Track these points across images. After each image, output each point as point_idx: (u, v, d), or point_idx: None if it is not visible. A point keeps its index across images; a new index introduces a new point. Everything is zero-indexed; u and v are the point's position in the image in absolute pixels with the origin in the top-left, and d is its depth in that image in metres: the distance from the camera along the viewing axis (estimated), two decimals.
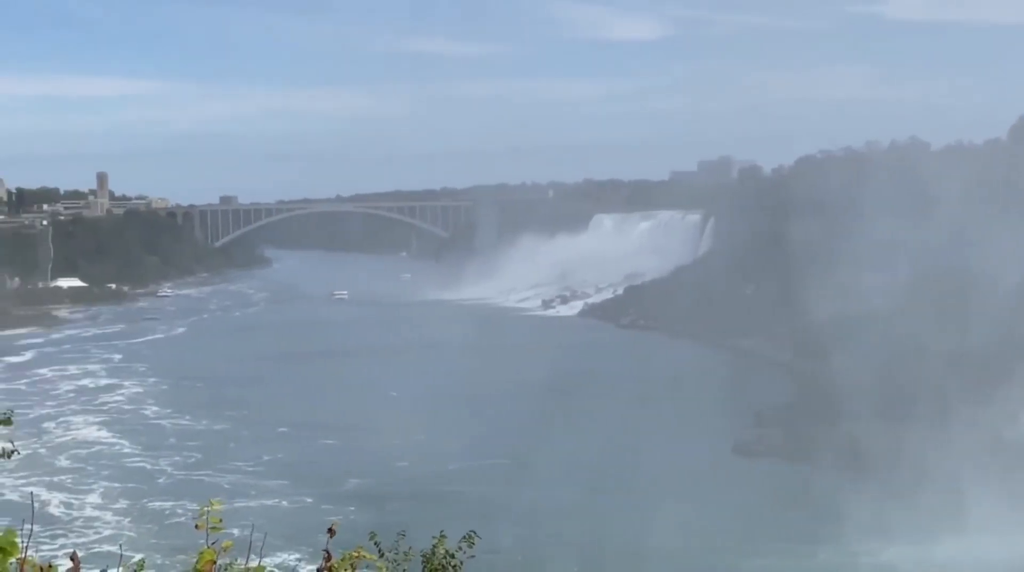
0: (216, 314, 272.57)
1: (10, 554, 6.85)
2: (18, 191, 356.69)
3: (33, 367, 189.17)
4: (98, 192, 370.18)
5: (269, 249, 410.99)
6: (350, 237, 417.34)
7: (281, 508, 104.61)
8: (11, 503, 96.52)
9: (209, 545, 7.67)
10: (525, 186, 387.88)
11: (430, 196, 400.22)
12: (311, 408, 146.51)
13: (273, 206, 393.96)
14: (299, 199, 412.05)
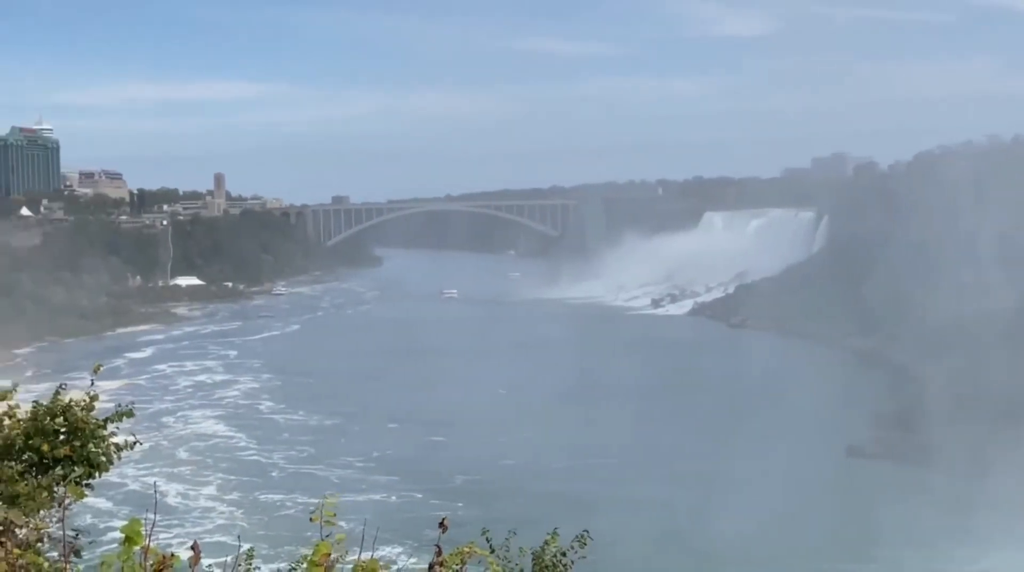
0: (328, 312, 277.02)
1: (135, 543, 6.94)
2: (140, 192, 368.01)
3: (153, 363, 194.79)
4: (215, 192, 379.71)
5: (379, 248, 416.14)
6: (459, 236, 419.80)
7: (390, 503, 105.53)
8: (133, 492, 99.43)
9: (323, 538, 7.63)
10: (633, 184, 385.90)
11: (538, 194, 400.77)
12: (420, 404, 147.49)
13: (384, 205, 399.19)
14: (409, 198, 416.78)
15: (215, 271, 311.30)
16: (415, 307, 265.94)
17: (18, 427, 13.16)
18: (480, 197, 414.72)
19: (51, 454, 12.98)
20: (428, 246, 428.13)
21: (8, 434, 13.15)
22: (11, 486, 12.51)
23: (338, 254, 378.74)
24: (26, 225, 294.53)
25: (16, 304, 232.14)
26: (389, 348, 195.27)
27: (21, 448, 13.07)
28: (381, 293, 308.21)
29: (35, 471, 13.07)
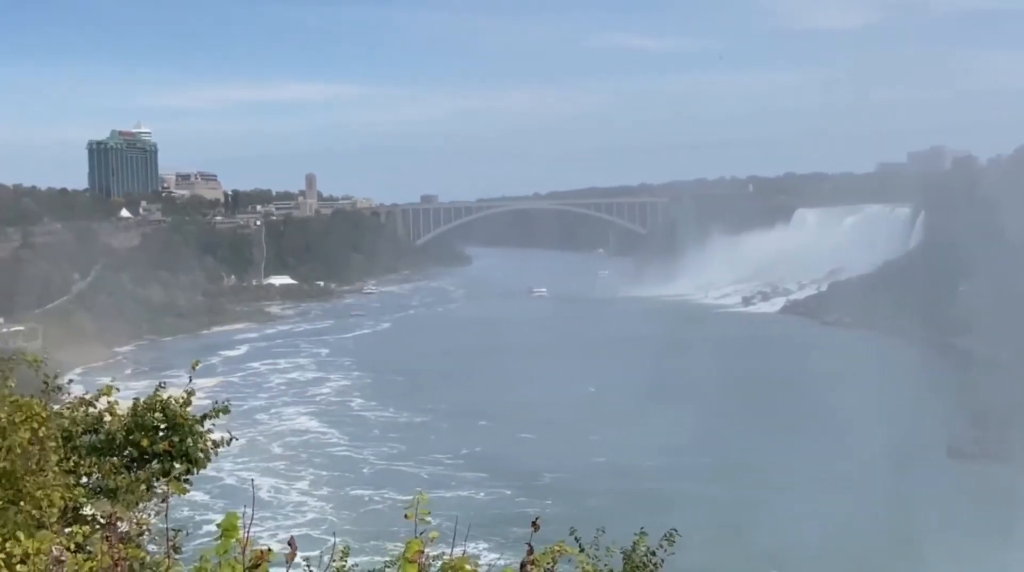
0: (418, 310, 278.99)
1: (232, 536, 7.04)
2: (234, 193, 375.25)
3: (247, 361, 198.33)
4: (307, 193, 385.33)
5: (468, 246, 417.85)
6: (547, 234, 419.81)
7: (478, 499, 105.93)
8: (229, 486, 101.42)
9: (417, 535, 7.71)
10: (724, 180, 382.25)
11: (627, 192, 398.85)
12: (510, 402, 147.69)
13: (472, 204, 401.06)
14: (497, 197, 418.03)
15: (307, 270, 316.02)
16: (504, 305, 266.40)
17: (119, 422, 13.48)
18: (568, 195, 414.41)
19: (150, 449, 13.27)
20: (516, 244, 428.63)
21: (109, 429, 13.48)
22: (111, 480, 12.82)
23: (427, 253, 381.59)
24: (126, 226, 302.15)
25: (117, 303, 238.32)
26: (479, 346, 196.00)
27: (122, 443, 13.39)
28: (470, 292, 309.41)
29: (135, 466, 13.37)
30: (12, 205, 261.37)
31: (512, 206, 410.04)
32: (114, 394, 13.81)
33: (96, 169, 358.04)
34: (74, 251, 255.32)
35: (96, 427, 13.57)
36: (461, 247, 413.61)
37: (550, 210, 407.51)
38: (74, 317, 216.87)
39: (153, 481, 13.15)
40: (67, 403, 13.39)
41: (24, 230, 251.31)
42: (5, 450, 10.46)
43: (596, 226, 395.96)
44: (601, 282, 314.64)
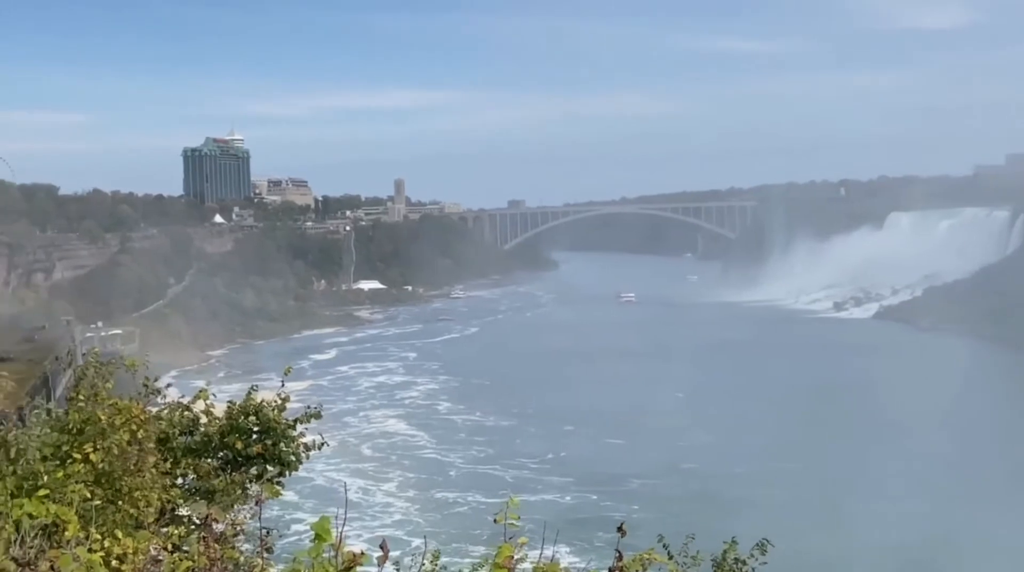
0: (506, 315, 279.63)
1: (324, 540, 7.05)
2: (324, 198, 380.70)
3: (336, 364, 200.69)
4: (396, 198, 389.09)
5: (555, 251, 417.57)
6: (635, 239, 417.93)
7: (563, 503, 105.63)
8: (319, 487, 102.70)
9: (507, 540, 7.71)
10: (815, 184, 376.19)
11: (716, 196, 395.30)
12: (598, 407, 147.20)
13: (559, 209, 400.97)
14: (584, 202, 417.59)
15: (395, 275, 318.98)
16: (592, 310, 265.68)
17: (215, 425, 13.74)
18: (656, 199, 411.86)
19: (244, 452, 13.50)
20: (604, 249, 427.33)
21: (205, 432, 13.75)
22: (208, 481, 13.07)
23: (515, 258, 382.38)
24: (219, 231, 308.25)
25: (210, 307, 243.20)
26: (566, 350, 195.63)
27: (217, 445, 13.65)
28: (558, 296, 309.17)
29: (229, 468, 13.61)
30: (111, 211, 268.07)
31: (599, 210, 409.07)
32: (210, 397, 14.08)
33: (191, 175, 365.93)
34: (169, 256, 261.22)
35: (192, 429, 13.86)
36: (548, 252, 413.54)
37: (637, 214, 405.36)
38: (169, 320, 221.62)
39: (247, 483, 13.38)
40: (165, 406, 13.69)
41: (122, 236, 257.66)
42: (105, 451, 10.72)
43: (684, 230, 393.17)
44: (690, 287, 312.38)
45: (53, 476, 10.13)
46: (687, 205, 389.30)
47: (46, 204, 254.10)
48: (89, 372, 12.54)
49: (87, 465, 10.52)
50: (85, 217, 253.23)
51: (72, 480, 10.10)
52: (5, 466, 10.26)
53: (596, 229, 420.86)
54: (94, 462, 10.57)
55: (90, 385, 12.23)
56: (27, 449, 10.50)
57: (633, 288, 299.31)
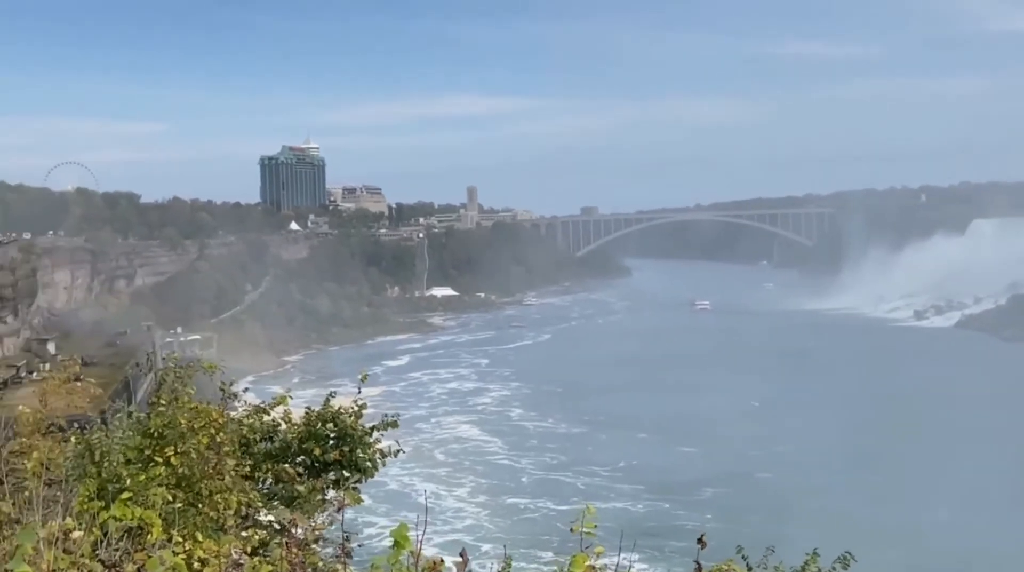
0: (579, 322, 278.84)
1: (402, 547, 7.04)
2: (398, 206, 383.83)
3: (409, 370, 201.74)
4: (468, 205, 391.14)
5: (628, 258, 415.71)
6: (709, 246, 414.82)
7: (635, 511, 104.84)
8: (393, 491, 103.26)
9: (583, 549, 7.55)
10: (894, 191, 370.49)
11: (792, 203, 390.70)
12: (671, 415, 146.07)
13: (632, 216, 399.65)
14: (657, 209, 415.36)
15: (468, 282, 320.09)
16: (666, 318, 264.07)
17: (293, 431, 13.88)
18: (731, 206, 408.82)
19: (322, 458, 13.62)
20: (677, 256, 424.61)
21: (285, 438, 13.89)
22: (288, 487, 13.20)
23: (587, 265, 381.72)
24: (295, 238, 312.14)
25: (286, 313, 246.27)
26: (640, 358, 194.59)
27: (296, 451, 13.78)
28: (631, 303, 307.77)
29: (307, 474, 13.74)
30: (190, 219, 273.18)
31: (673, 217, 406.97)
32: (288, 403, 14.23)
33: (268, 183, 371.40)
34: (246, 262, 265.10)
35: (271, 435, 14.01)
36: (621, 259, 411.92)
37: (712, 221, 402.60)
38: (246, 326, 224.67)
39: (326, 489, 13.49)
40: (244, 410, 13.86)
41: (201, 243, 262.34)
42: (185, 454, 10.88)
43: (759, 237, 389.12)
44: (765, 294, 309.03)
45: (136, 479, 10.30)
46: (763, 212, 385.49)
47: (128, 212, 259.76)
48: (170, 377, 12.75)
49: (168, 468, 10.69)
50: (165, 224, 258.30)
51: (154, 483, 10.27)
52: (90, 468, 10.47)
53: (669, 236, 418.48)
54: (175, 465, 10.74)
55: (171, 390, 12.42)
56: (111, 452, 10.69)
57: (708, 296, 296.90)
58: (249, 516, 12.11)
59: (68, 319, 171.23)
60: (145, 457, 10.85)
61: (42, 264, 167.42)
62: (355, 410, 13.96)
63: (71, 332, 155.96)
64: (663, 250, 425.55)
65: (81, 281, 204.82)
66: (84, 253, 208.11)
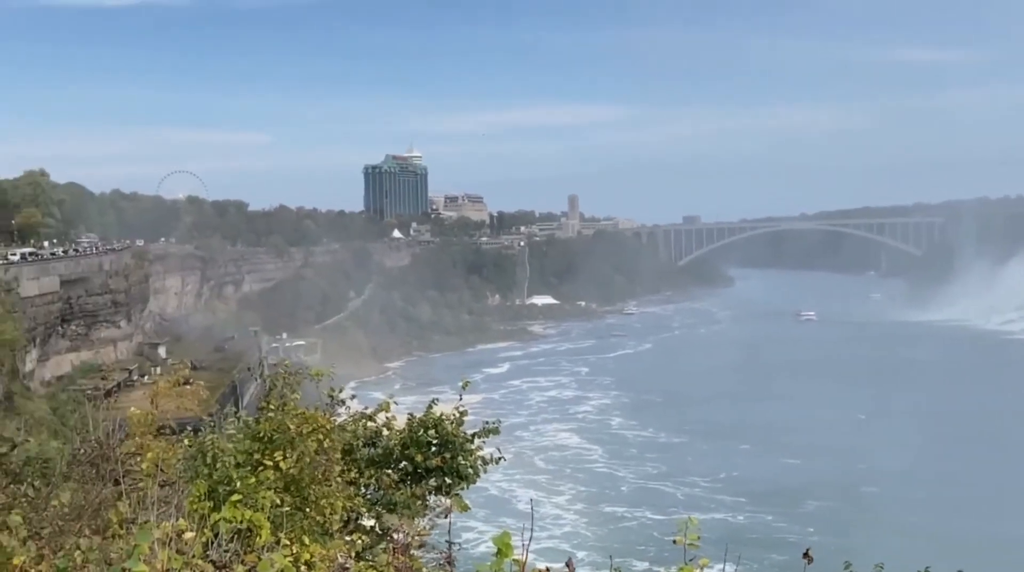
0: (680, 331, 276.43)
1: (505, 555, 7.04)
2: (499, 214, 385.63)
3: (509, 378, 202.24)
4: (569, 214, 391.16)
5: (730, 267, 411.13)
6: (814, 255, 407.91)
7: (736, 523, 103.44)
8: (492, 497, 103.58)
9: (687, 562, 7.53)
10: (1009, 199, 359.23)
11: (900, 212, 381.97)
12: (774, 426, 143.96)
13: (735, 225, 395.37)
14: (761, 217, 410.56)
15: (568, 290, 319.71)
16: (770, 328, 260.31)
17: (396, 437, 14.06)
18: (837, 215, 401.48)
19: (424, 464, 13.76)
20: (781, 266, 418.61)
21: (387, 444, 14.07)
22: (390, 493, 13.37)
23: (689, 273, 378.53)
24: (397, 246, 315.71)
25: (388, 320, 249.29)
26: (743, 368, 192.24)
27: (398, 457, 13.96)
28: (734, 313, 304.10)
29: (409, 479, 13.89)
30: (296, 226, 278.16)
31: (778, 226, 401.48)
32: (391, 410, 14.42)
33: (371, 192, 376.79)
34: (350, 270, 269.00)
35: (375, 441, 14.21)
36: (723, 268, 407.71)
37: (817, 230, 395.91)
38: (349, 332, 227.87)
39: (428, 495, 13.63)
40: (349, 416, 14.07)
41: (306, 250, 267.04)
42: (293, 459, 11.10)
43: (866, 247, 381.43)
44: (873, 305, 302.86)
45: (245, 482, 10.54)
46: (870, 221, 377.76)
47: (236, 219, 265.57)
48: (279, 383, 13.01)
49: (277, 472, 10.91)
50: (272, 232, 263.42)
51: (263, 486, 10.50)
52: (202, 470, 10.75)
53: (774, 245, 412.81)
54: (283, 470, 10.95)
55: (279, 395, 12.69)
56: (222, 455, 10.97)
57: (813, 305, 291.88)
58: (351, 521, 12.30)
59: (178, 324, 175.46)
60: (254, 461, 11.10)
61: (154, 270, 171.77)
62: (457, 417, 14.10)
63: (181, 337, 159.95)
64: (766, 259, 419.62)
65: (191, 287, 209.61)
66: (194, 260, 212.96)
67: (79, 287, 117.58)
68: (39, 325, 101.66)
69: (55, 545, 9.12)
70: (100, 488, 12.97)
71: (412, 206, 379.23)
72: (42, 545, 8.87)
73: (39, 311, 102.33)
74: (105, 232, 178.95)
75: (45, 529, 10.08)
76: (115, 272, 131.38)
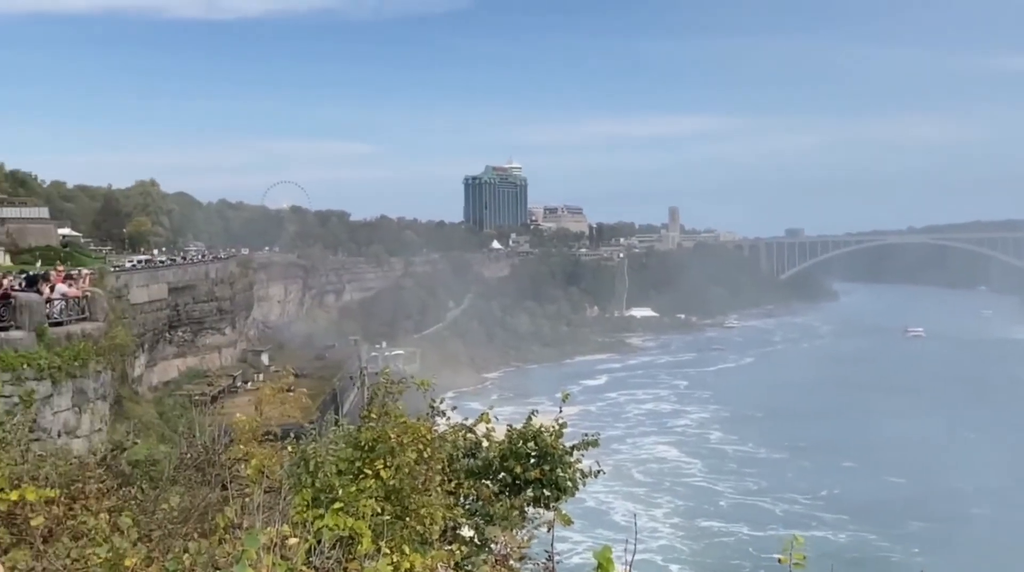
0: (783, 346, 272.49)
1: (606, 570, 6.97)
2: (598, 226, 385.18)
3: (606, 390, 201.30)
4: (669, 226, 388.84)
5: (835, 282, 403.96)
6: (921, 270, 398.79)
7: (837, 542, 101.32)
8: (589, 508, 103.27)
9: None
10: None
11: (1013, 226, 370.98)
12: (878, 444, 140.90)
13: (840, 238, 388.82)
14: (867, 231, 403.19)
15: (668, 303, 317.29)
16: (876, 344, 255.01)
17: (495, 449, 14.08)
18: (946, 229, 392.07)
19: (523, 476, 13.75)
20: (887, 280, 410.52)
21: (486, 455, 14.10)
22: (489, 505, 13.39)
23: (791, 287, 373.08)
24: (496, 257, 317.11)
25: (487, 330, 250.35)
26: (847, 384, 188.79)
27: (497, 469, 13.97)
28: (837, 328, 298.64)
29: (508, 491, 13.89)
30: (396, 236, 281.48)
31: (884, 240, 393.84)
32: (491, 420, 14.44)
33: (471, 202, 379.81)
34: (449, 280, 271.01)
35: (474, 452, 14.25)
36: (827, 282, 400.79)
37: (924, 244, 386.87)
38: (448, 342, 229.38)
39: (526, 507, 13.62)
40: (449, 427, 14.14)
41: (406, 260, 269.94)
42: (394, 468, 11.19)
43: (975, 262, 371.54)
44: (984, 322, 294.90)
45: (347, 490, 10.66)
46: (981, 235, 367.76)
47: (338, 229, 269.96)
48: (380, 391, 13.14)
49: (378, 481, 11.00)
50: (373, 242, 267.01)
51: (364, 495, 10.60)
52: (305, 477, 10.91)
53: (879, 259, 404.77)
54: (384, 479, 11.04)
55: (381, 404, 12.81)
56: (324, 463, 11.11)
57: (921, 321, 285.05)
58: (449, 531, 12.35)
59: (280, 331, 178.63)
60: (355, 469, 11.21)
61: (258, 278, 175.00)
62: (556, 429, 14.06)
63: (283, 344, 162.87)
64: (873, 274, 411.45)
65: (293, 295, 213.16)
66: (297, 268, 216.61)
67: (186, 294, 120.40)
68: (148, 331, 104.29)
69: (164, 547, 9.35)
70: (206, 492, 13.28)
71: (511, 217, 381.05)
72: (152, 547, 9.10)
73: (148, 317, 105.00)
74: (212, 241, 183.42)
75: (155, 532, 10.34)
76: (221, 280, 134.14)
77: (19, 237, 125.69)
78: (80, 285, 45.12)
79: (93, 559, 7.99)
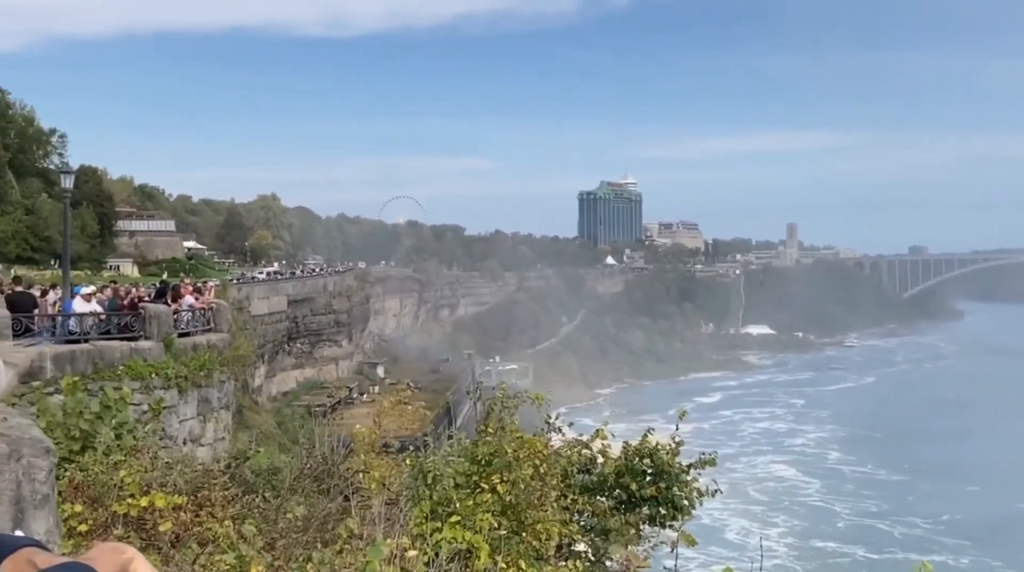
0: (904, 366, 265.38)
1: None
2: (714, 242, 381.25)
3: (720, 408, 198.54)
4: (787, 242, 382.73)
5: (960, 301, 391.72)
6: None
7: (958, 568, 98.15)
8: (703, 525, 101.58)
9: None
10: None
11: None
12: (1007, 467, 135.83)
13: (966, 256, 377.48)
14: (995, 249, 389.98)
15: (785, 320, 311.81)
16: (1004, 365, 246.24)
17: (611, 465, 14.07)
18: None
19: (638, 493, 13.70)
20: (1015, 300, 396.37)
21: (602, 472, 14.09)
22: (604, 521, 13.37)
23: (914, 306, 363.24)
24: (610, 273, 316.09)
25: (600, 346, 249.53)
26: (973, 406, 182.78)
27: (612, 485, 13.95)
28: (963, 348, 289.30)
29: (623, 508, 13.86)
30: (511, 251, 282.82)
31: (1013, 258, 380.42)
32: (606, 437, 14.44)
33: (585, 218, 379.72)
34: (562, 295, 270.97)
35: (589, 468, 14.26)
36: (952, 301, 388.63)
37: None
38: (561, 358, 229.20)
39: (641, 525, 13.57)
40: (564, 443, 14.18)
41: (519, 275, 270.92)
42: (511, 483, 11.26)
43: None
44: None
45: (464, 504, 10.77)
46: None
47: (453, 244, 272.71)
48: (497, 406, 13.25)
49: (494, 495, 11.09)
50: (487, 256, 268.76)
51: (481, 509, 10.69)
52: (423, 490, 11.05)
53: (1009, 278, 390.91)
54: (501, 493, 11.12)
55: (497, 419, 12.91)
56: (443, 476, 11.25)
57: None
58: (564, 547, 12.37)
59: (396, 345, 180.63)
60: (472, 483, 11.32)
61: (374, 292, 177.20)
62: (672, 447, 13.99)
63: (398, 357, 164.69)
64: (1001, 293, 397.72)
65: (409, 309, 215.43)
66: (412, 282, 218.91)
67: (304, 307, 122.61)
68: (268, 342, 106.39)
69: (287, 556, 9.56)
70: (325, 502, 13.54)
71: (626, 232, 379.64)
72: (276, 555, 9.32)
73: (268, 329, 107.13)
74: (330, 254, 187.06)
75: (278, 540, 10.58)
76: (338, 293, 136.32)
77: (147, 249, 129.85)
78: (206, 297, 46.41)
79: (220, 565, 8.21)
